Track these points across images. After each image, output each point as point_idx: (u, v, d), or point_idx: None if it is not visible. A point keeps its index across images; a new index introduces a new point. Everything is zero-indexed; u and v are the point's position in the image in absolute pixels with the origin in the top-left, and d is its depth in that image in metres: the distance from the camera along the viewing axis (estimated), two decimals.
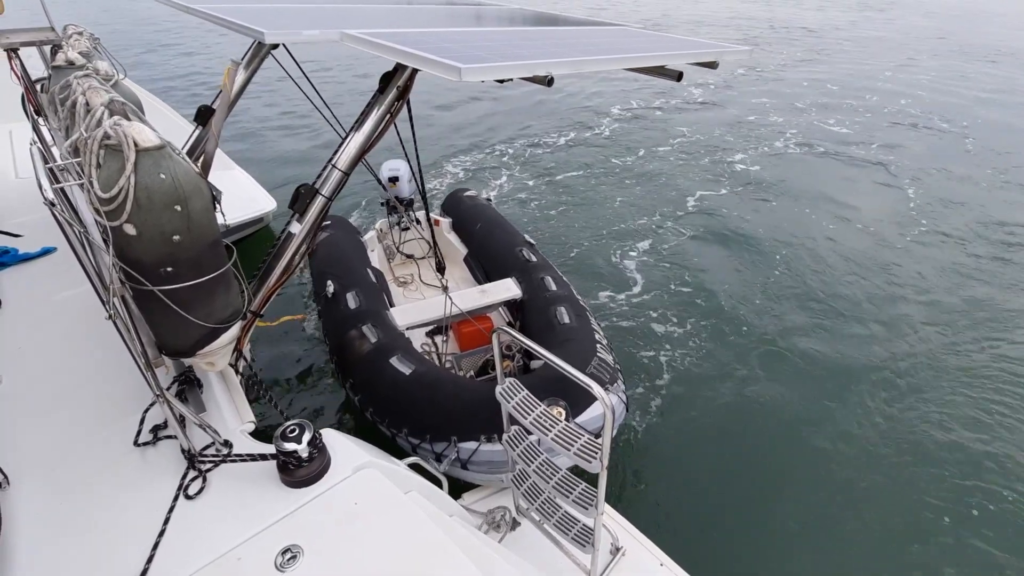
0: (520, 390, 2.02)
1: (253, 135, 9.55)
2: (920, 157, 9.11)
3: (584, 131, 10.20)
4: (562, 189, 7.75)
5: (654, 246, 6.25)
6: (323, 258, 4.12)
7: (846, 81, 14.31)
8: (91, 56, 2.91)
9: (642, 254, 6.10)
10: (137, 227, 1.52)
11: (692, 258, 6.03)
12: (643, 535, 2.57)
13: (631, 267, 5.84)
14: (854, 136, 10.06)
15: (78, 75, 2.22)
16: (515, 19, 3.05)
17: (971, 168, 8.74)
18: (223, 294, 1.87)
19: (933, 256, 6.22)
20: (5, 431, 2.04)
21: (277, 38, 1.89)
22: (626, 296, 5.35)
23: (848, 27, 24.48)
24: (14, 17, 5.02)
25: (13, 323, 2.71)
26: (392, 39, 1.85)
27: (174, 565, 1.60)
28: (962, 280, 5.78)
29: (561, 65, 1.73)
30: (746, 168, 8.55)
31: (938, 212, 7.28)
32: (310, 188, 2.26)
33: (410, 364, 3.03)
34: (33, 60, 4.29)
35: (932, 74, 15.37)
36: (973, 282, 5.75)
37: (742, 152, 9.19)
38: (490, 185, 7.84)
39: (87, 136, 1.56)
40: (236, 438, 2.03)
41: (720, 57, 2.27)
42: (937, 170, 8.58)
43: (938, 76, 15.20)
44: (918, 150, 9.44)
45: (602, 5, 28.53)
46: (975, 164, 8.90)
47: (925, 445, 3.86)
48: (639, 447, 3.72)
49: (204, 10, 2.41)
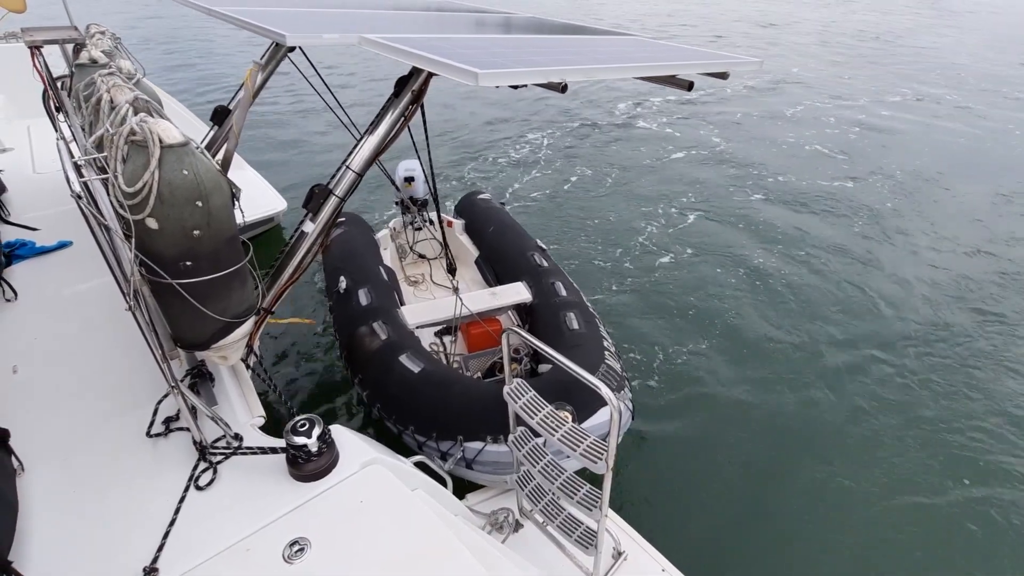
0: (527, 391, 2.05)
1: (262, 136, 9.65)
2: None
3: (594, 133, 10.26)
4: (570, 191, 7.80)
5: (660, 251, 6.27)
6: (336, 254, 4.17)
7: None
8: (113, 55, 2.98)
9: (648, 259, 6.11)
10: (159, 221, 1.56)
11: (698, 266, 6.04)
12: (645, 540, 2.58)
13: (636, 271, 5.86)
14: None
15: (102, 73, 2.28)
16: (530, 27, 3.09)
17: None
18: (238, 289, 1.91)
19: (959, 265, 6.21)
20: (21, 419, 2.07)
21: (298, 41, 1.94)
22: (629, 300, 5.37)
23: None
24: (34, 15, 5.13)
25: (29, 314, 2.76)
26: (409, 44, 1.89)
27: (184, 554, 1.63)
28: (991, 293, 5.77)
29: (575, 72, 1.76)
30: (764, 176, 8.54)
31: (955, 213, 7.27)
32: (324, 188, 2.30)
33: (419, 363, 3.06)
34: (52, 58, 4.38)
35: None
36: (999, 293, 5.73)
37: (764, 161, 9.19)
38: (497, 186, 7.90)
39: (113, 132, 1.60)
40: (246, 431, 2.06)
41: (731, 68, 2.30)
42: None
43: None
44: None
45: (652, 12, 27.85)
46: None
47: (940, 452, 3.85)
48: (642, 453, 3.73)
49: (226, 12, 2.46)
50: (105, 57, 2.74)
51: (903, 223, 7.18)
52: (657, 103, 12.47)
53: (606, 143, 9.99)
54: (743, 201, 7.71)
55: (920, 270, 6.13)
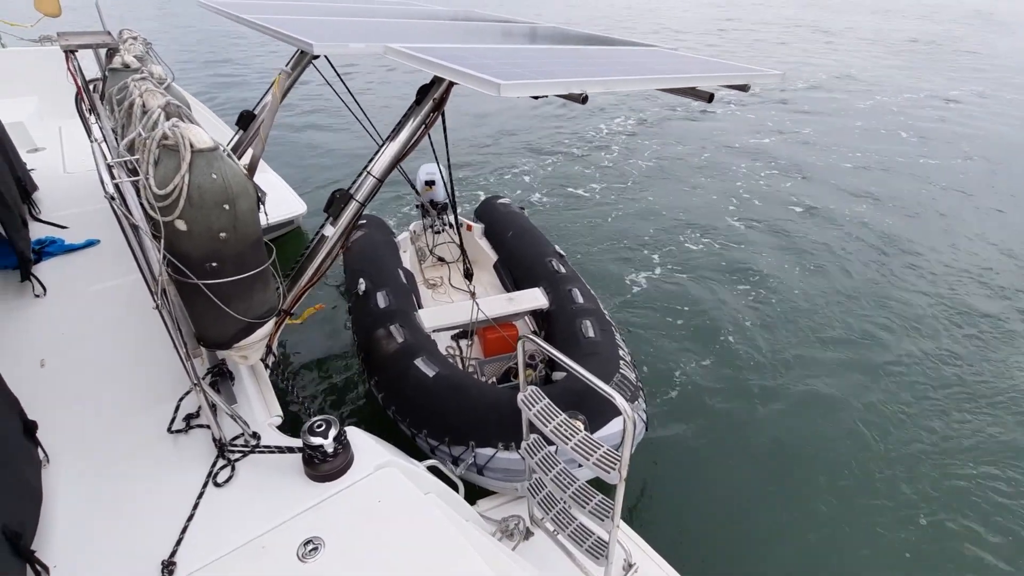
0: (541, 398, 2.06)
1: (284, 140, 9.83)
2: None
3: (624, 135, 10.32)
4: (585, 196, 7.81)
5: (674, 261, 6.25)
6: (357, 256, 4.23)
7: None
8: (145, 60, 3.06)
9: (661, 268, 6.09)
10: (188, 223, 1.61)
11: (712, 276, 6.00)
12: (656, 553, 2.57)
13: (648, 281, 5.84)
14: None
15: (135, 78, 2.34)
16: (553, 37, 3.12)
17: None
18: (261, 291, 1.95)
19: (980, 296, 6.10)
20: (48, 412, 2.13)
21: (325, 50, 1.98)
22: (642, 309, 5.35)
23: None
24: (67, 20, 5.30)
25: (57, 310, 2.83)
26: (433, 54, 1.92)
27: (202, 549, 1.66)
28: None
29: (595, 84, 1.78)
30: (784, 187, 8.48)
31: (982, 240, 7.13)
32: (345, 193, 2.34)
33: (434, 366, 3.09)
34: (84, 61, 4.51)
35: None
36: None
37: (788, 169, 9.14)
38: (511, 189, 7.94)
39: (145, 136, 1.65)
40: (264, 430, 2.09)
41: (752, 80, 2.30)
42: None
43: None
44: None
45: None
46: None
47: (956, 471, 3.78)
48: (654, 464, 3.71)
49: (255, 20, 2.53)
50: (137, 62, 2.82)
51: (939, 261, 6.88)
52: (686, 101, 12.48)
53: (638, 144, 10.03)
54: (779, 211, 7.65)
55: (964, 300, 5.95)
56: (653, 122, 11.58)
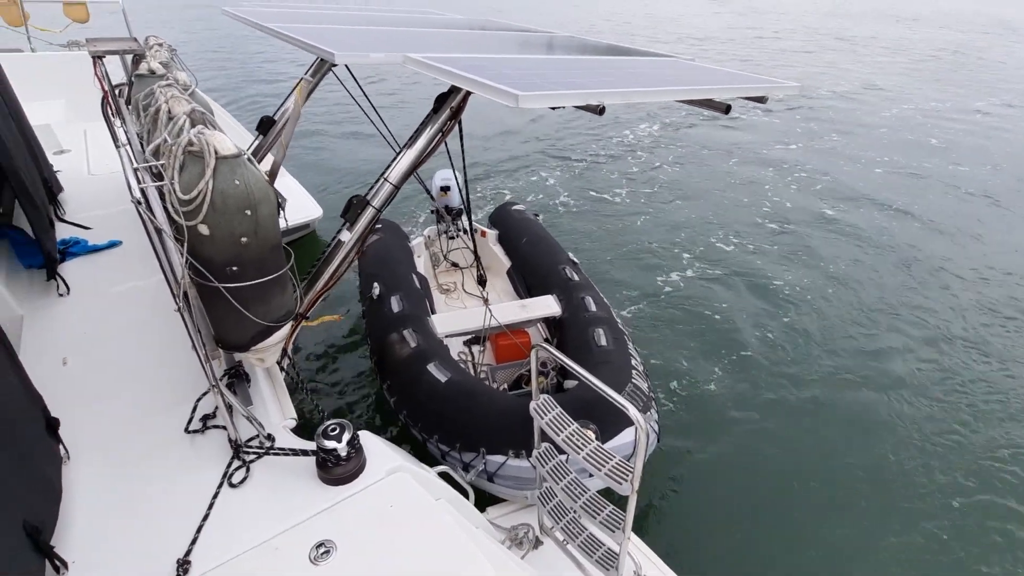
0: (554, 407, 2.06)
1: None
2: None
3: (628, 148, 10.29)
4: (601, 204, 7.81)
5: (696, 268, 6.21)
6: (372, 260, 4.27)
7: None
8: (170, 66, 3.13)
9: (684, 274, 6.06)
10: (211, 228, 1.64)
11: (736, 284, 5.96)
12: (667, 566, 2.55)
13: (660, 289, 5.81)
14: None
15: (161, 84, 2.40)
16: (571, 47, 3.14)
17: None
18: (279, 295, 1.98)
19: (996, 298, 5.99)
20: (69, 410, 2.18)
21: (346, 59, 2.01)
22: (660, 316, 5.33)
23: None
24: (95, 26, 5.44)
25: (80, 309, 2.89)
26: (452, 64, 1.95)
27: (216, 548, 1.68)
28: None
29: (613, 95, 1.79)
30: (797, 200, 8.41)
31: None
32: (362, 199, 2.37)
33: (446, 372, 3.10)
34: (110, 67, 4.62)
35: None
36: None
37: (803, 183, 9.07)
38: (535, 195, 7.97)
39: (171, 142, 1.70)
40: (278, 432, 2.12)
41: (769, 92, 2.30)
42: None
43: None
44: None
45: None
46: None
47: (969, 483, 3.71)
48: (665, 477, 3.68)
49: (277, 29, 2.58)
50: (162, 68, 2.89)
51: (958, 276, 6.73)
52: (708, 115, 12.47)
53: (663, 151, 10.03)
54: (806, 220, 7.59)
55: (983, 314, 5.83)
56: (678, 127, 11.59)
